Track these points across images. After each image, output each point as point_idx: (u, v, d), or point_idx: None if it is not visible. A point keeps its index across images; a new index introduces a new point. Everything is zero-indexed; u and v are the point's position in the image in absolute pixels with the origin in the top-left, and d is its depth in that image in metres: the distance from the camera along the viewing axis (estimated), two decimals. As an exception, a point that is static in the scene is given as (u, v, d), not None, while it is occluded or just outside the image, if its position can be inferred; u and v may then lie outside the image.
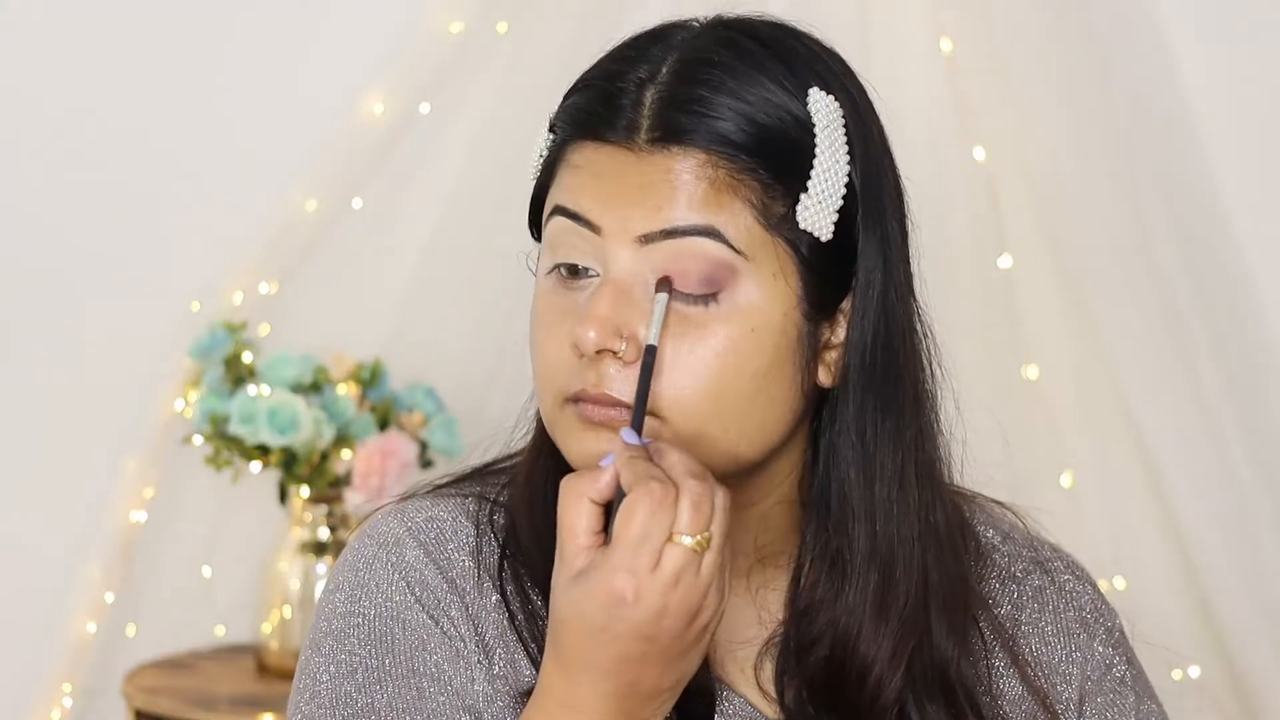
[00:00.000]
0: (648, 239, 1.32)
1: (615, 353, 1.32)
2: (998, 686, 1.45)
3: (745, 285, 1.32)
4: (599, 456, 1.31)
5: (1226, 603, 2.91)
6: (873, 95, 1.40)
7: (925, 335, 1.41)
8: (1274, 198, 3.05)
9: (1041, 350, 2.96)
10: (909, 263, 1.40)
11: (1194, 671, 2.88)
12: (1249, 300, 3.01)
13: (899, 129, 1.45)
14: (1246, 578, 2.91)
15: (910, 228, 1.40)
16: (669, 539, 1.24)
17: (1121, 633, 1.52)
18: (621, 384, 1.32)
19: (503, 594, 1.39)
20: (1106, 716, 1.48)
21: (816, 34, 1.40)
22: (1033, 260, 2.96)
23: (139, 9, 3.14)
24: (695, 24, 1.39)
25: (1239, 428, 2.94)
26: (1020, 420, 2.94)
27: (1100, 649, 1.49)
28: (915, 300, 1.41)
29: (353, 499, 2.90)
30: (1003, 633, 1.46)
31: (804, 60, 1.36)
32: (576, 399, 1.33)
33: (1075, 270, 2.95)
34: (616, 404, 1.32)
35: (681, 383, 1.32)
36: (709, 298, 1.32)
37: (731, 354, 1.32)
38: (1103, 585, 2.81)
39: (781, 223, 1.33)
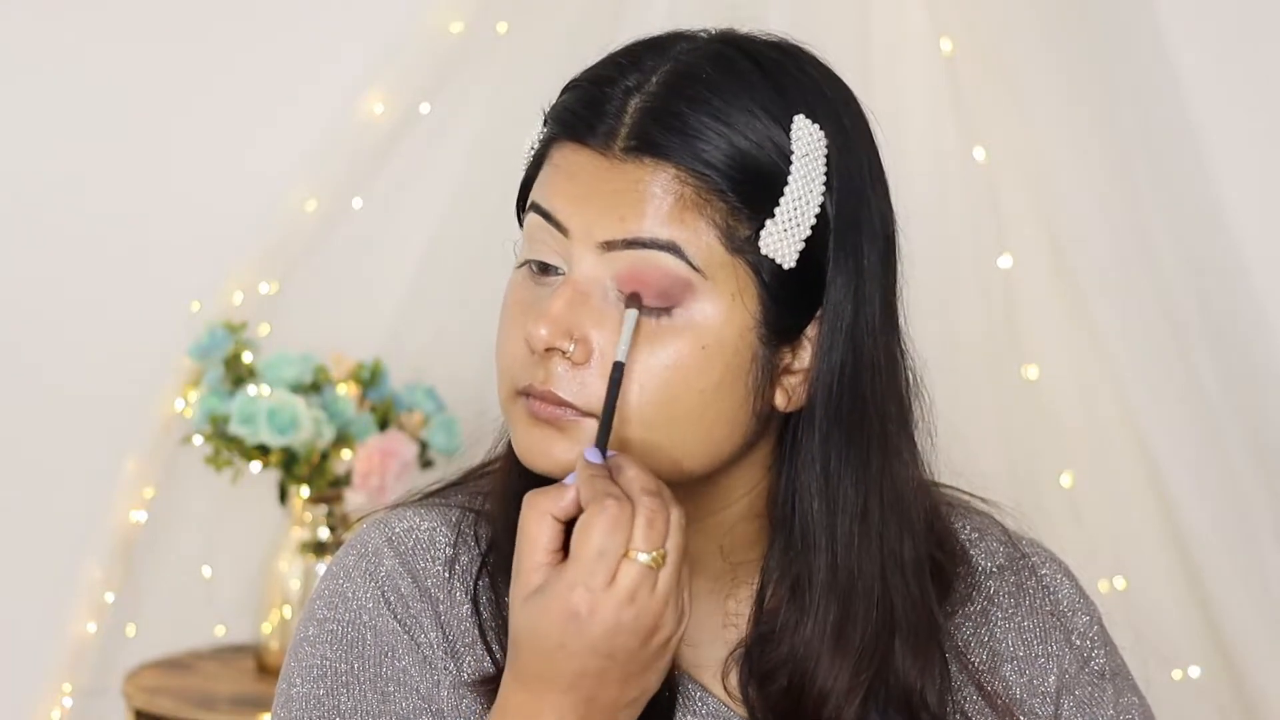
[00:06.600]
0: (610, 246, 1.33)
1: (564, 352, 1.33)
2: (967, 690, 1.45)
3: (702, 303, 1.33)
4: (541, 453, 1.34)
5: (1226, 603, 2.90)
6: (873, 116, 1.40)
7: (907, 370, 1.40)
8: (1273, 198, 3.04)
9: (1041, 350, 2.96)
10: (890, 297, 1.39)
11: (1194, 671, 2.88)
12: (1249, 300, 3.01)
13: (899, 129, 1.44)
14: (1246, 578, 2.91)
15: (899, 261, 1.39)
16: (624, 555, 1.25)
17: (1101, 626, 1.51)
18: (568, 384, 1.33)
19: (474, 602, 1.41)
20: (1084, 709, 1.48)
21: (826, 60, 1.39)
22: (1033, 260, 2.96)
23: (140, 8, 3.14)
24: (702, 36, 1.39)
25: (1239, 428, 2.94)
26: (1020, 420, 2.94)
27: (1078, 642, 1.49)
28: (897, 334, 1.40)
29: (353, 499, 2.90)
30: (967, 664, 1.45)
31: (797, 86, 1.36)
32: (526, 393, 1.34)
33: (1075, 270, 2.95)
34: (561, 403, 1.33)
35: (629, 390, 1.32)
36: (664, 311, 1.33)
37: (680, 369, 1.33)
38: (1103, 585, 2.85)
39: (745, 245, 1.33)
